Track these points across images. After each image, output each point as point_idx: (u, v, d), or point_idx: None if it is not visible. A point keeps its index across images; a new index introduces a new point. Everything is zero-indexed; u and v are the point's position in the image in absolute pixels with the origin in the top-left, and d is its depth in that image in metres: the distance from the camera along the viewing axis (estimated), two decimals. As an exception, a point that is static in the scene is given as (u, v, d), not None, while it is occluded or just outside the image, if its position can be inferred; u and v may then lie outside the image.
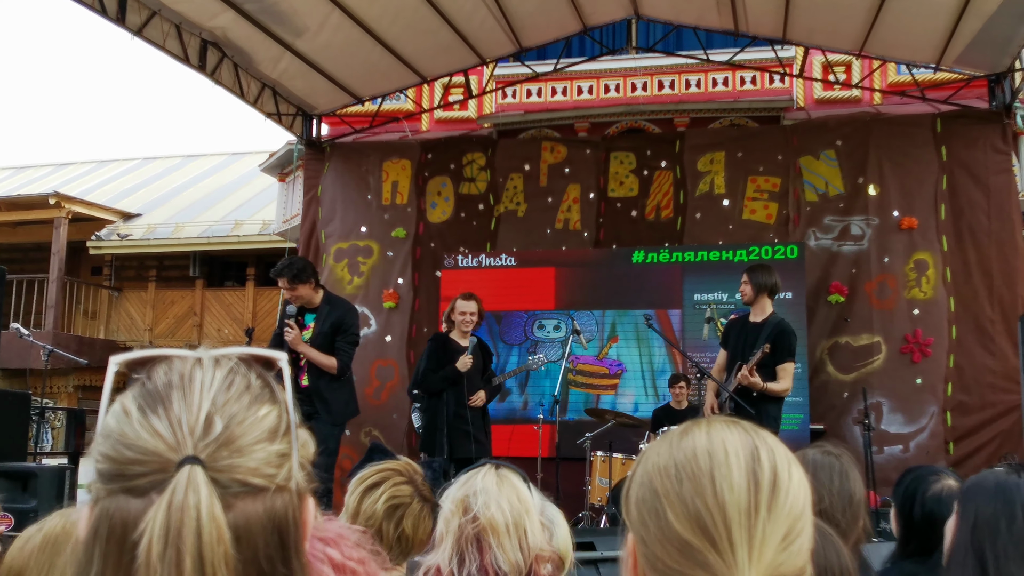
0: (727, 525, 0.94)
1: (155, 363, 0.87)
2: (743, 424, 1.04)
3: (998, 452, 7.84)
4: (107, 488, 0.81)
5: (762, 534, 0.94)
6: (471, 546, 2.04)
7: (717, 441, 1.00)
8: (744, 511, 0.94)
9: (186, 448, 0.80)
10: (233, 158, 19.23)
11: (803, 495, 0.99)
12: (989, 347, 8.40)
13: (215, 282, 16.12)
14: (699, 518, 0.95)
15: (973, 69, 8.63)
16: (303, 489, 0.87)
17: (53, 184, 17.03)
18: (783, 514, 0.96)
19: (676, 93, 10.05)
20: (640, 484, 1.03)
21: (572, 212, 9.72)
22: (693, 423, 1.05)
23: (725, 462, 0.98)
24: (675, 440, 1.03)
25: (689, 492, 0.97)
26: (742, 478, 0.96)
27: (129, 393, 0.85)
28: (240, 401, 0.84)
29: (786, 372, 6.28)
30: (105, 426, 0.84)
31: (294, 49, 8.47)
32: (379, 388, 9.56)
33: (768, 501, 0.96)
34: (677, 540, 0.96)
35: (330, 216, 10.05)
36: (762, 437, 1.02)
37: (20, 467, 6.29)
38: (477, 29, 8.69)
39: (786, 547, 0.95)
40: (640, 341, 8.90)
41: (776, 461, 0.99)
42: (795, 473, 1.00)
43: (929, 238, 8.72)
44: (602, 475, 7.51)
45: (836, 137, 9.13)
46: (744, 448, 0.99)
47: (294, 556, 0.85)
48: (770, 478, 0.97)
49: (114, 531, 0.79)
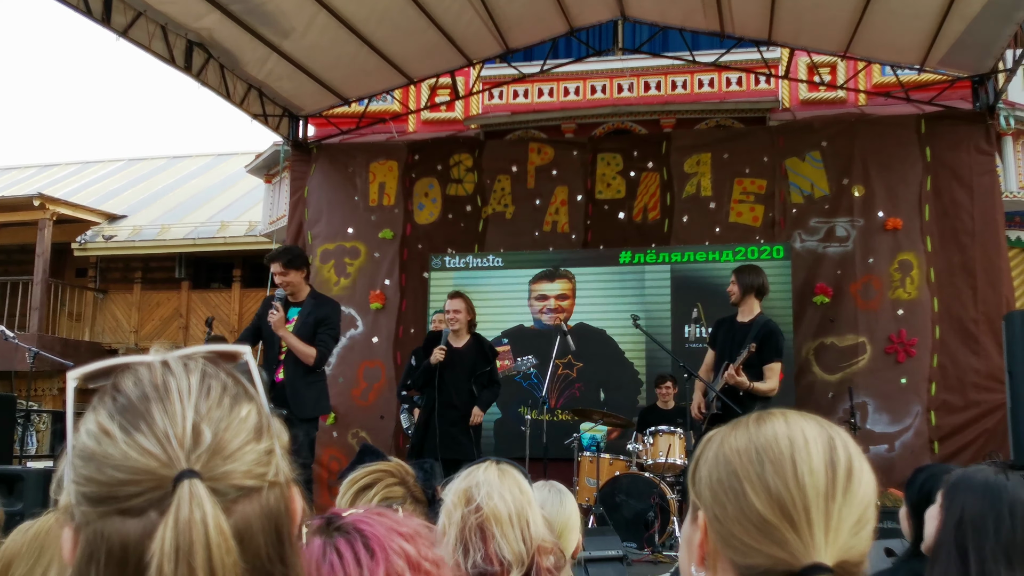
0: (806, 506, 0.99)
1: (116, 373, 0.85)
2: (817, 418, 1.09)
3: (983, 450, 7.90)
4: (97, 511, 0.79)
5: (838, 517, 0.99)
6: (475, 536, 2.05)
7: (796, 428, 1.05)
8: (823, 494, 0.99)
9: (179, 462, 0.78)
10: (219, 159, 19.17)
11: (872, 485, 1.04)
12: (973, 347, 8.45)
13: (201, 284, 16.05)
14: (780, 498, 0.99)
15: (957, 70, 8.68)
16: (289, 479, 0.87)
17: (37, 185, 16.92)
18: (857, 500, 1.01)
19: (662, 94, 10.08)
20: (715, 466, 1.07)
21: (560, 214, 9.73)
22: (768, 413, 1.10)
23: (805, 448, 1.03)
24: (752, 426, 1.08)
25: (771, 473, 1.01)
26: (821, 463, 1.01)
27: (101, 409, 0.82)
28: (222, 405, 0.83)
29: (773, 371, 6.33)
30: (83, 448, 0.81)
31: (280, 50, 8.45)
32: (366, 389, 9.55)
33: (844, 487, 1.01)
34: (756, 519, 1.00)
35: (316, 217, 10.03)
36: (836, 429, 1.07)
37: (6, 470, 6.25)
38: (464, 30, 8.69)
39: (857, 532, 1.00)
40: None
41: (851, 451, 1.05)
42: (866, 465, 1.05)
43: (913, 239, 8.76)
44: (589, 475, 7.51)
45: (821, 138, 9.17)
46: (821, 437, 1.05)
47: (289, 549, 0.85)
48: (846, 466, 1.02)
49: (112, 553, 0.78)
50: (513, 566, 2.04)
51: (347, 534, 1.22)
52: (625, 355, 9.09)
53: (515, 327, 9.33)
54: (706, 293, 8.84)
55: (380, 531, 1.24)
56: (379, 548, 1.21)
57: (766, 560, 0.99)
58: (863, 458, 1.05)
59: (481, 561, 2.02)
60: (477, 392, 6.93)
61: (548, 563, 2.11)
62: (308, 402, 6.51)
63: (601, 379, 9.03)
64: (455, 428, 6.81)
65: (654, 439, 7.33)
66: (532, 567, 2.08)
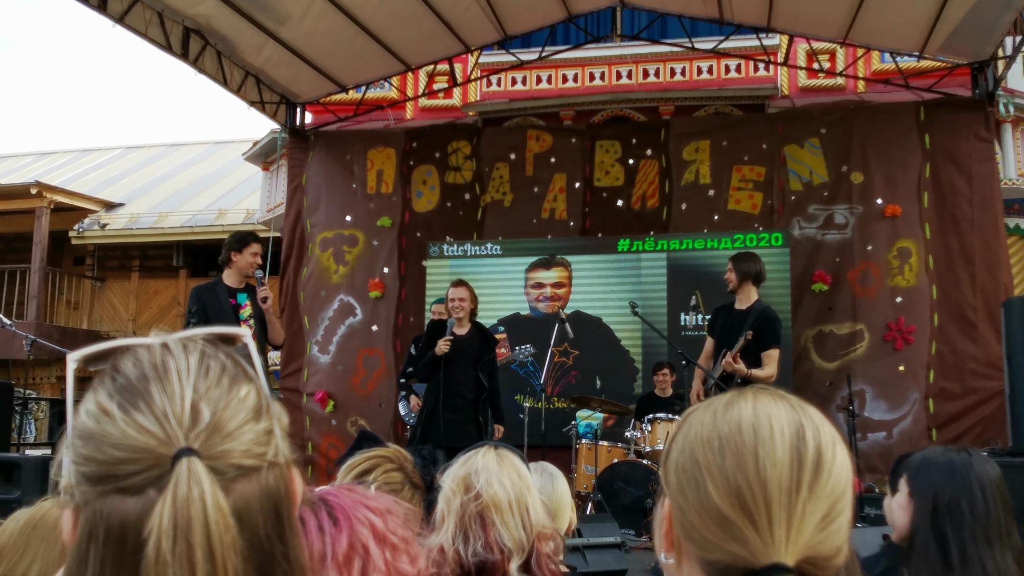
0: (767, 503, 0.93)
1: (116, 355, 0.85)
2: (790, 399, 1.02)
3: (981, 438, 7.91)
4: (96, 490, 0.79)
5: (801, 513, 0.93)
6: (475, 524, 2.04)
7: (763, 416, 0.99)
8: (785, 489, 0.94)
9: (178, 441, 0.79)
10: (216, 147, 19.11)
11: (846, 475, 0.98)
12: (971, 334, 8.46)
13: (199, 272, 16.00)
14: (739, 493, 0.94)
15: (956, 57, 8.66)
16: (289, 460, 0.87)
17: (34, 173, 16.87)
18: (824, 494, 0.95)
19: (661, 81, 10.05)
20: (681, 452, 1.02)
21: (558, 202, 9.72)
22: (739, 394, 1.04)
23: (769, 438, 0.96)
24: (720, 410, 1.02)
25: (731, 466, 0.96)
26: (785, 456, 0.95)
27: (100, 390, 0.82)
28: (220, 385, 0.83)
29: (771, 358, 6.32)
30: (82, 428, 0.81)
31: (277, 37, 8.42)
32: (365, 378, 9.55)
33: (810, 480, 0.95)
34: (715, 513, 0.95)
35: (315, 205, 10.01)
36: (808, 414, 1.00)
37: (4, 457, 6.27)
38: (461, 16, 8.65)
39: (825, 527, 0.94)
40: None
41: (821, 439, 0.98)
42: (839, 453, 0.99)
43: (912, 226, 8.76)
44: (588, 463, 7.53)
45: (820, 125, 9.16)
46: (789, 424, 0.98)
47: (288, 529, 0.85)
48: (814, 457, 0.96)
49: (111, 532, 0.78)
50: (514, 553, 2.03)
51: (312, 504, 1.23)
52: (621, 343, 9.09)
53: (512, 315, 9.33)
54: (704, 281, 8.83)
55: (346, 502, 1.24)
56: (343, 517, 1.22)
57: (726, 556, 0.94)
58: (837, 445, 0.98)
59: (481, 549, 2.02)
60: (486, 381, 6.87)
61: (548, 549, 2.11)
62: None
63: (597, 367, 9.03)
64: (460, 416, 6.76)
65: (652, 426, 7.34)
66: (532, 553, 2.07)
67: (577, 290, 9.29)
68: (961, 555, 2.11)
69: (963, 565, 2.10)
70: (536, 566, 2.07)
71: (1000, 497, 2.16)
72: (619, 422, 8.63)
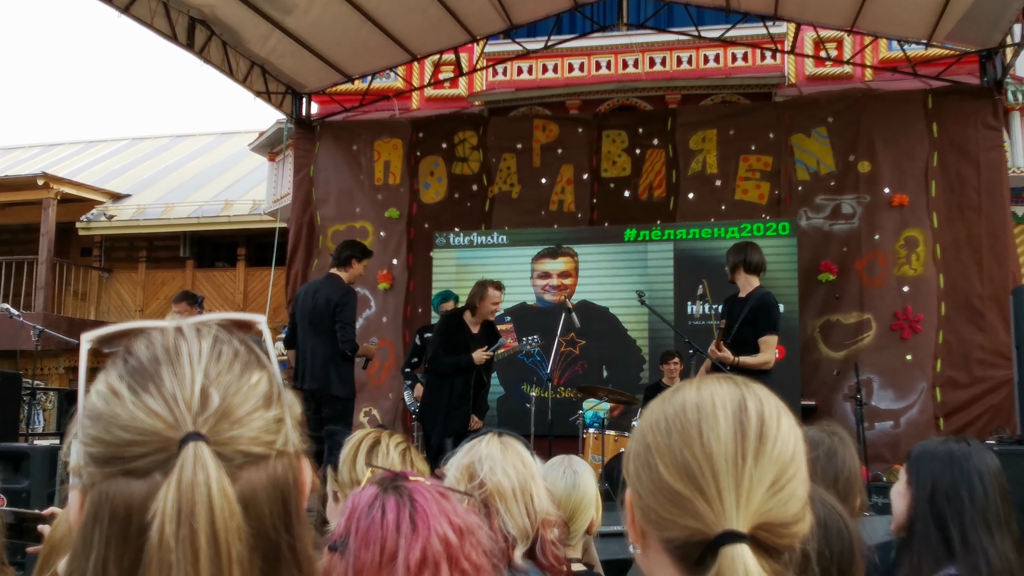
0: (714, 474, 0.96)
1: (130, 337, 0.85)
2: (735, 379, 1.06)
3: (988, 427, 7.88)
4: (103, 471, 0.79)
5: (749, 481, 0.96)
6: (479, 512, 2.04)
7: (706, 395, 1.03)
8: (731, 459, 0.97)
9: (186, 424, 0.78)
10: (222, 138, 19.13)
11: (792, 442, 1.00)
12: (978, 323, 8.43)
13: (206, 262, 16.05)
14: (687, 468, 0.98)
15: (964, 45, 8.61)
16: (299, 450, 0.87)
17: (41, 165, 16.90)
18: (770, 461, 0.97)
19: (667, 70, 10.02)
20: (635, 440, 1.06)
21: (566, 193, 9.71)
22: (684, 383, 1.07)
23: (712, 413, 1.00)
24: (667, 396, 1.06)
25: (678, 444, 0.99)
26: (728, 428, 0.99)
27: (112, 371, 0.82)
28: (232, 370, 0.83)
29: (767, 345, 6.15)
30: (92, 408, 0.81)
31: (283, 27, 8.41)
32: (378, 369, 9.57)
33: (755, 449, 0.97)
34: (668, 491, 0.98)
35: (324, 198, 10.01)
36: (752, 389, 1.03)
37: (12, 447, 6.29)
38: (467, 6, 8.63)
39: (775, 493, 0.96)
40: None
41: (764, 410, 1.01)
42: (784, 422, 1.01)
43: (919, 215, 8.73)
44: (595, 452, 7.53)
45: (827, 114, 9.12)
46: (732, 399, 1.01)
47: (296, 519, 0.84)
48: (757, 426, 0.99)
49: (116, 514, 0.78)
50: (518, 540, 2.03)
51: (400, 497, 1.21)
52: (628, 332, 9.08)
53: (518, 305, 9.31)
54: (711, 270, 8.75)
55: (433, 510, 1.23)
56: (423, 525, 1.20)
57: (682, 532, 0.97)
58: (782, 415, 1.01)
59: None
60: (486, 377, 7.08)
61: (552, 536, 2.10)
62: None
63: (604, 357, 9.01)
64: (467, 408, 6.95)
65: (659, 416, 7.32)
66: (537, 541, 2.07)
67: (584, 280, 9.27)
68: (963, 541, 2.12)
69: (964, 550, 2.11)
70: (541, 553, 2.07)
71: (999, 486, 2.19)
72: (625, 412, 8.61)
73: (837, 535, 1.60)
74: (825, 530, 1.57)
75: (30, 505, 5.13)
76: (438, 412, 6.90)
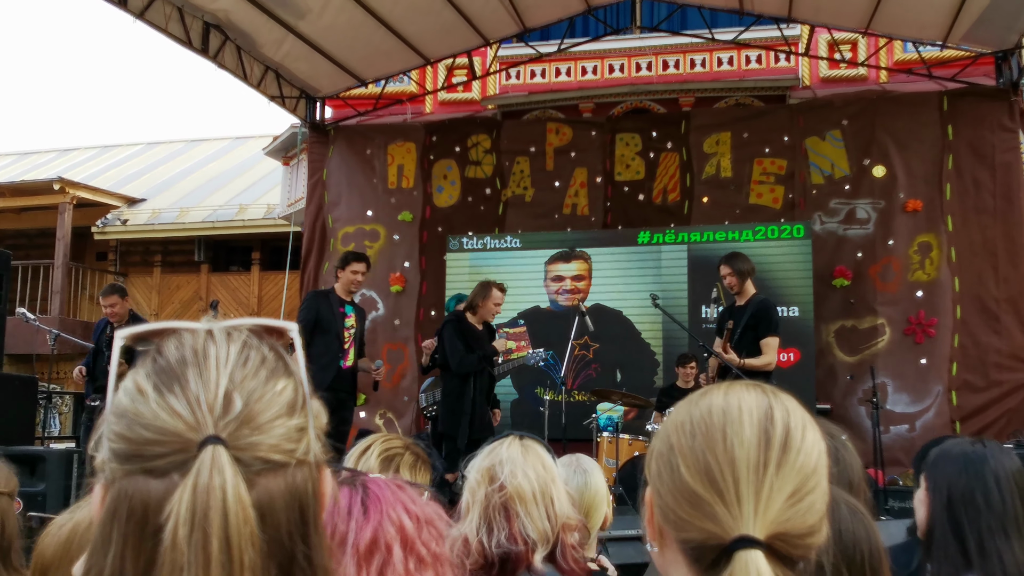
0: (735, 479, 0.96)
1: (163, 337, 0.85)
2: (763, 386, 1.06)
3: (1005, 430, 7.84)
4: (124, 469, 0.79)
5: (769, 489, 0.96)
6: (499, 515, 2.03)
7: (733, 400, 1.03)
8: (752, 466, 0.97)
9: (207, 427, 0.78)
10: (237, 142, 19.20)
11: (816, 455, 1.00)
12: (994, 326, 8.38)
13: (220, 267, 16.11)
14: (709, 471, 0.98)
15: (980, 46, 8.57)
16: (320, 461, 0.86)
17: (57, 170, 17.01)
18: (792, 471, 0.97)
19: (681, 72, 10.00)
20: (659, 439, 1.07)
21: (580, 196, 9.70)
22: (713, 386, 1.08)
23: (738, 419, 1.00)
24: (695, 398, 1.07)
25: (701, 446, 1.00)
26: (753, 434, 0.99)
27: (140, 370, 0.82)
28: (257, 376, 0.82)
29: (769, 346, 6.35)
30: (118, 405, 0.81)
31: (297, 31, 8.44)
32: (391, 372, 9.58)
33: (778, 458, 0.97)
34: (688, 492, 0.99)
35: (336, 200, 10.04)
36: (780, 399, 1.04)
37: (28, 451, 6.31)
38: (480, 9, 8.64)
39: (794, 503, 0.96)
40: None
41: (790, 421, 1.01)
42: (809, 434, 1.01)
43: (934, 218, 8.68)
44: (609, 456, 7.51)
45: (842, 117, 9.09)
46: (759, 407, 1.02)
47: (313, 530, 0.84)
48: (782, 436, 0.99)
49: (134, 512, 0.78)
50: (538, 544, 2.03)
51: (354, 487, 1.22)
52: (642, 336, 9.06)
53: (531, 308, 9.31)
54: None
55: (386, 496, 1.22)
56: (375, 510, 1.20)
57: (699, 534, 0.97)
58: (807, 427, 1.01)
59: (505, 540, 2.01)
60: (492, 373, 7.15)
61: (573, 540, 2.10)
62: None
63: (618, 360, 9.01)
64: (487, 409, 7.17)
65: (673, 419, 7.31)
66: (557, 544, 2.07)
67: (597, 283, 9.26)
68: (979, 547, 2.09)
69: (981, 557, 2.08)
70: (561, 557, 2.06)
71: (1017, 489, 2.14)
72: (640, 415, 8.60)
73: (866, 538, 1.59)
74: (853, 536, 1.55)
75: (46, 509, 5.15)
76: (462, 414, 6.96)
